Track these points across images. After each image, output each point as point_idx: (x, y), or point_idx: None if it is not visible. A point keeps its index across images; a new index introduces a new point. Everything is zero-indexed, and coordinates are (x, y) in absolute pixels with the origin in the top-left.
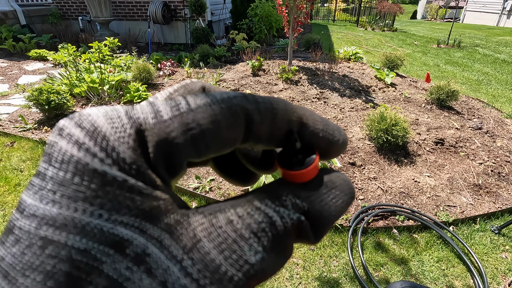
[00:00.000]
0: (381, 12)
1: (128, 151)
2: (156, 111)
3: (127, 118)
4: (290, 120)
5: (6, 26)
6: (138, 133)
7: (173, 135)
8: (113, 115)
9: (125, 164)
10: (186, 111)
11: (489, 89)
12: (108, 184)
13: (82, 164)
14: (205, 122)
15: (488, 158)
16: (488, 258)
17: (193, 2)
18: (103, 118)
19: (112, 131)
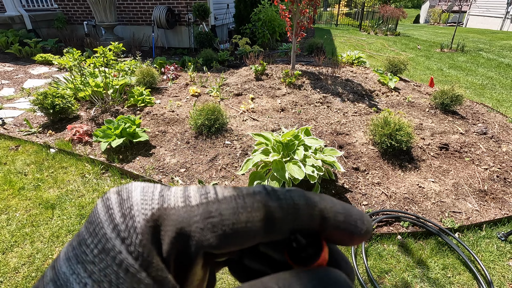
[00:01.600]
0: (384, 17)
1: (142, 222)
2: (186, 196)
3: (159, 195)
4: (312, 216)
5: (12, 30)
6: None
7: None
8: (149, 190)
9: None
10: (213, 201)
11: (494, 94)
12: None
13: (100, 227)
14: (226, 213)
15: (494, 163)
16: (495, 265)
17: (197, 7)
18: (139, 191)
19: (140, 202)
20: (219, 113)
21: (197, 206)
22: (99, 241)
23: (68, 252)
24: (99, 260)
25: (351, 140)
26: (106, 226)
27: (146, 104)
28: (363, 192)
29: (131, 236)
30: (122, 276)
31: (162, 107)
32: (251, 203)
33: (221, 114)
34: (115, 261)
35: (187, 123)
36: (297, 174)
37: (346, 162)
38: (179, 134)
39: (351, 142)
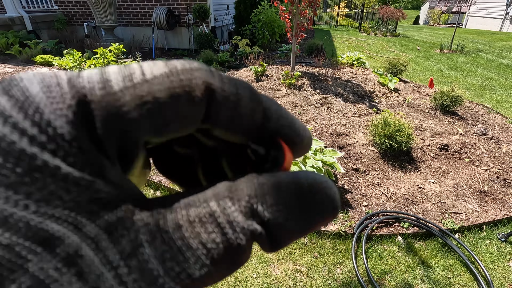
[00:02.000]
0: (384, 18)
1: (67, 126)
2: (105, 80)
3: (69, 86)
4: (254, 110)
5: (13, 32)
6: (81, 105)
7: (125, 109)
8: (51, 82)
9: (64, 142)
10: (140, 82)
11: (493, 94)
12: (38, 170)
13: (6, 142)
14: (162, 95)
15: (494, 164)
16: (495, 266)
17: (196, 8)
18: (37, 86)
19: (48, 101)
20: None
21: (121, 92)
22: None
23: None
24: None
25: (351, 141)
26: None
27: None
28: (363, 193)
29: (62, 147)
30: (74, 190)
31: None
32: (188, 81)
33: None
34: (57, 177)
35: None
36: None
37: (346, 163)
38: None
39: (351, 143)
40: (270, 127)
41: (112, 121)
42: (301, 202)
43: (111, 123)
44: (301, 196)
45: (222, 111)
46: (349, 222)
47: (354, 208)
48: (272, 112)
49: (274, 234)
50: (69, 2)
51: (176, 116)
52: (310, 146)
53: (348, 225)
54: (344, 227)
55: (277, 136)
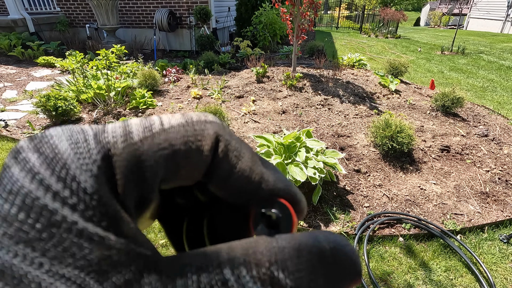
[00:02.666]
0: (384, 19)
1: (90, 180)
2: (127, 133)
3: (95, 142)
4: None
5: (15, 33)
6: (105, 159)
7: (143, 157)
8: (79, 138)
9: (85, 195)
10: (159, 132)
11: (495, 96)
12: (56, 225)
13: (31, 198)
14: (177, 142)
15: (495, 165)
16: (497, 268)
17: (198, 10)
18: (66, 142)
19: (75, 157)
20: (221, 115)
21: (141, 142)
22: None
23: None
24: (48, 236)
25: (352, 142)
26: (41, 195)
27: (148, 106)
28: (364, 194)
29: (83, 201)
30: (86, 246)
31: (164, 109)
32: (201, 131)
33: (222, 116)
34: (72, 233)
35: None
36: (299, 176)
37: (348, 164)
38: None
39: (352, 144)
40: (267, 190)
41: (131, 169)
42: (324, 267)
43: (131, 170)
44: (324, 261)
45: (224, 164)
46: (351, 223)
47: (356, 209)
48: (269, 174)
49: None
50: (71, 4)
51: (187, 162)
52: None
53: (350, 226)
54: (345, 228)
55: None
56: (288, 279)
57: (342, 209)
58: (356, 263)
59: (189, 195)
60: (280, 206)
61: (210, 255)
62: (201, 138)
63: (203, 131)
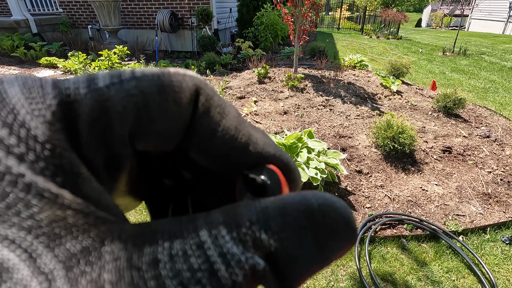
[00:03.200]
0: (386, 20)
1: (42, 126)
2: (91, 79)
3: (52, 87)
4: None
5: (18, 34)
6: (63, 105)
7: (109, 103)
8: (33, 84)
9: (36, 143)
10: (128, 79)
11: (497, 97)
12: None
13: None
14: (150, 91)
15: (497, 166)
16: (499, 269)
17: (200, 11)
18: (18, 88)
19: (26, 102)
20: None
21: (107, 88)
22: None
23: None
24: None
25: (354, 143)
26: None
27: None
28: (366, 195)
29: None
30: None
31: None
32: (178, 82)
33: None
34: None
35: None
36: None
37: (349, 164)
38: None
39: (354, 145)
40: (255, 153)
41: (95, 116)
42: (312, 226)
43: (95, 117)
44: (312, 218)
45: (205, 121)
46: None
47: (357, 210)
48: (258, 137)
49: (283, 269)
50: (74, 5)
51: (162, 115)
52: (300, 181)
53: None
54: None
55: (267, 162)
56: (272, 239)
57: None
58: (350, 220)
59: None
60: (269, 172)
61: (185, 221)
62: (178, 90)
63: (181, 83)
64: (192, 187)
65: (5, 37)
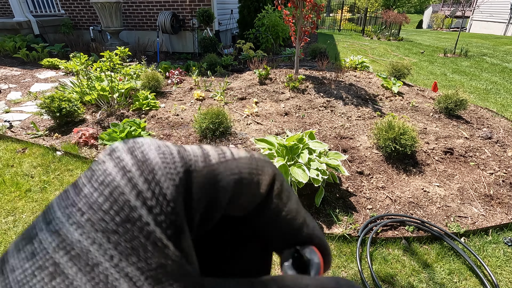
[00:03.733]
0: (387, 22)
1: (172, 188)
2: (206, 155)
3: (179, 156)
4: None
5: (20, 35)
6: (186, 173)
7: (219, 177)
8: (165, 151)
9: (164, 200)
10: (231, 159)
11: (498, 98)
12: (131, 222)
13: (118, 192)
14: (244, 171)
15: (499, 168)
16: (501, 271)
17: (201, 13)
18: (155, 152)
19: (162, 165)
20: (224, 117)
21: (217, 165)
22: (121, 208)
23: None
24: (123, 230)
25: (355, 144)
26: (128, 192)
27: (151, 108)
28: (367, 196)
29: (160, 205)
30: (150, 250)
31: (167, 110)
32: (262, 167)
33: (225, 118)
34: (142, 233)
35: (192, 127)
36: (301, 178)
37: (350, 166)
38: (183, 137)
39: (355, 146)
40: (307, 234)
41: (208, 186)
42: None
43: (207, 187)
44: None
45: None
46: (354, 225)
47: (359, 211)
48: (309, 221)
49: None
50: (76, 7)
51: (248, 191)
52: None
53: (353, 228)
54: (348, 230)
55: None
56: None
57: (345, 211)
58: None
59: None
60: (312, 252)
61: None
62: (261, 173)
63: (264, 168)
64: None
65: (7, 38)
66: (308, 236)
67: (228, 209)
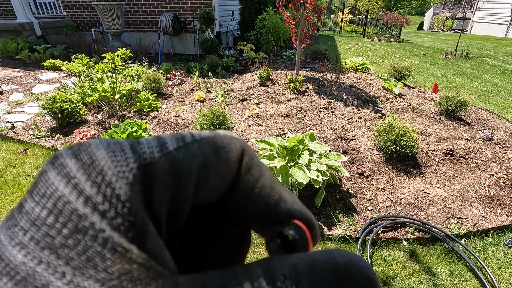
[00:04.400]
0: (388, 23)
1: (125, 187)
2: (162, 144)
3: (132, 152)
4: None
5: (22, 37)
6: (141, 168)
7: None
8: (116, 148)
9: (118, 202)
10: (191, 142)
11: (499, 100)
12: (82, 231)
13: (63, 202)
14: (208, 152)
15: (500, 169)
16: (502, 272)
17: (202, 14)
18: (104, 151)
19: (112, 165)
20: (224, 118)
21: (176, 151)
22: (68, 219)
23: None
24: (73, 242)
25: (355, 146)
26: (74, 200)
27: (152, 109)
28: (368, 197)
29: (114, 208)
30: (109, 258)
31: (168, 112)
32: (228, 144)
33: (226, 119)
34: (97, 241)
35: (193, 128)
36: (302, 179)
37: (351, 167)
38: None
39: (355, 147)
40: (285, 210)
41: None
42: (339, 284)
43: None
44: (339, 277)
45: (247, 178)
46: (354, 226)
47: (359, 212)
48: (287, 196)
49: None
50: (78, 9)
51: (216, 172)
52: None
53: (353, 229)
54: (348, 231)
55: (294, 218)
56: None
57: (345, 212)
58: (374, 282)
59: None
60: (295, 227)
61: (228, 275)
62: (228, 150)
63: (230, 144)
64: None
65: (10, 40)
66: (288, 212)
67: (197, 197)
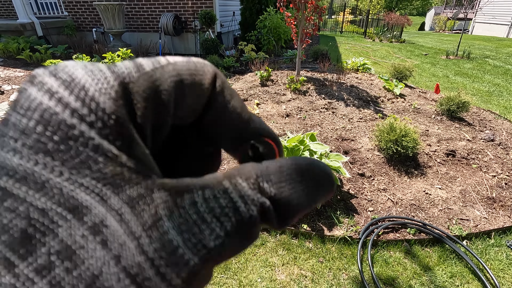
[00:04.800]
0: (389, 24)
1: (109, 102)
2: (138, 65)
3: (110, 72)
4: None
5: (24, 37)
6: (122, 85)
7: (157, 83)
8: (93, 68)
9: (104, 114)
10: (166, 64)
11: (501, 101)
12: (73, 139)
13: (49, 113)
14: (183, 72)
15: (502, 170)
16: (504, 274)
17: (203, 15)
18: (82, 71)
19: (93, 82)
20: None
21: (152, 71)
22: (58, 128)
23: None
24: (66, 148)
25: (356, 146)
26: (60, 111)
27: None
28: (369, 198)
29: (101, 119)
30: (101, 161)
31: None
32: (201, 68)
33: None
34: (89, 147)
35: None
36: None
37: (352, 167)
38: None
39: (356, 148)
40: (255, 128)
41: (149, 93)
42: (302, 178)
43: (148, 94)
44: (302, 173)
45: (220, 99)
46: (355, 227)
47: (360, 213)
48: (255, 117)
49: (280, 209)
50: (79, 9)
51: (192, 91)
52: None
53: (354, 230)
54: (349, 232)
55: (263, 136)
56: (272, 188)
57: (346, 213)
58: (329, 174)
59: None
60: (265, 143)
61: (208, 178)
62: (202, 73)
63: (203, 68)
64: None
65: (11, 40)
66: (257, 130)
67: (176, 113)
